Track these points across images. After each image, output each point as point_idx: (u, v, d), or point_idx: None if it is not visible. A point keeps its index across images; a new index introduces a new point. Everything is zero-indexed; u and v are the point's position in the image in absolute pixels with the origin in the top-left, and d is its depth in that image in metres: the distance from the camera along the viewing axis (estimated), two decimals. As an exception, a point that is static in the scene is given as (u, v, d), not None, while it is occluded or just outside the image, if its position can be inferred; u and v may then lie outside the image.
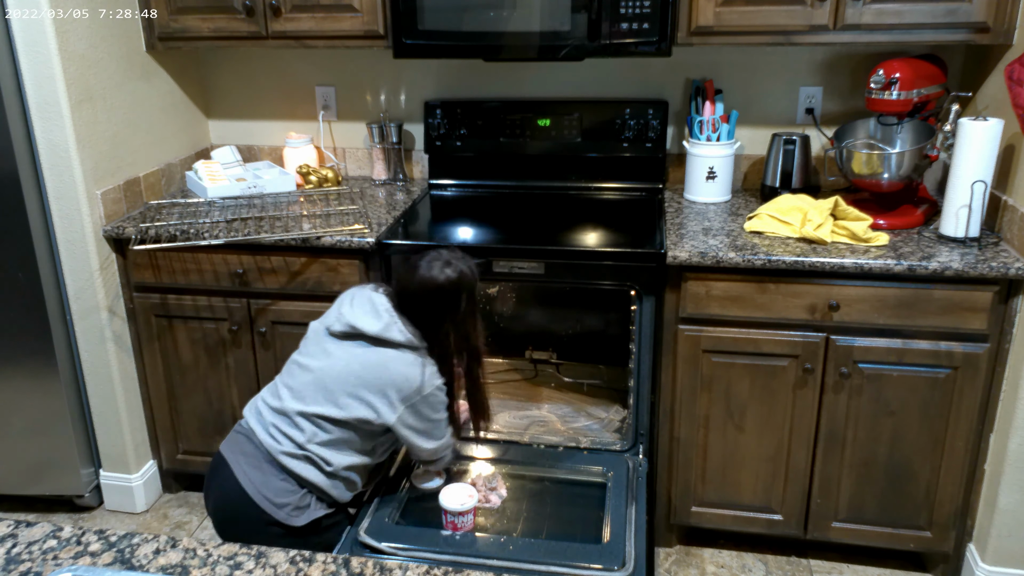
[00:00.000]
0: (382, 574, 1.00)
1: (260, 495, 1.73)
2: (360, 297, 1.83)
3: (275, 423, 1.78)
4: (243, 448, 1.79)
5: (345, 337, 1.80)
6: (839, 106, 2.55)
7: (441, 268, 1.77)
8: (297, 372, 1.82)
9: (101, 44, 2.34)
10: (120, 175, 2.45)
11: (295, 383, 1.80)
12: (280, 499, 1.74)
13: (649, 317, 2.15)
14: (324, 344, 1.82)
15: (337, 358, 1.78)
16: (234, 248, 2.31)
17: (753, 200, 2.52)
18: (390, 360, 1.76)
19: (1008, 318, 2.01)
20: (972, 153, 2.01)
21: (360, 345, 1.78)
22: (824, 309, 2.07)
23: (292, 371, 1.84)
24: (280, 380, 1.85)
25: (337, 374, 1.76)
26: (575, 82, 2.67)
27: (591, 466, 2.13)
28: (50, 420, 2.49)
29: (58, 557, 1.05)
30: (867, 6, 2.10)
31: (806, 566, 2.37)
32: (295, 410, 1.77)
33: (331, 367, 1.77)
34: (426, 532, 1.82)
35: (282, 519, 1.73)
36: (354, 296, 1.85)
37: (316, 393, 1.76)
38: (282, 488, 1.75)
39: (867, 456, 2.18)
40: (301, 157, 2.76)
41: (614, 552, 1.75)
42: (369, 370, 1.75)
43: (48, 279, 2.37)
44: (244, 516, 1.73)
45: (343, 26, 2.36)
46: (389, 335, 1.75)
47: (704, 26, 2.19)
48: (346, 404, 1.75)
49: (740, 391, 2.19)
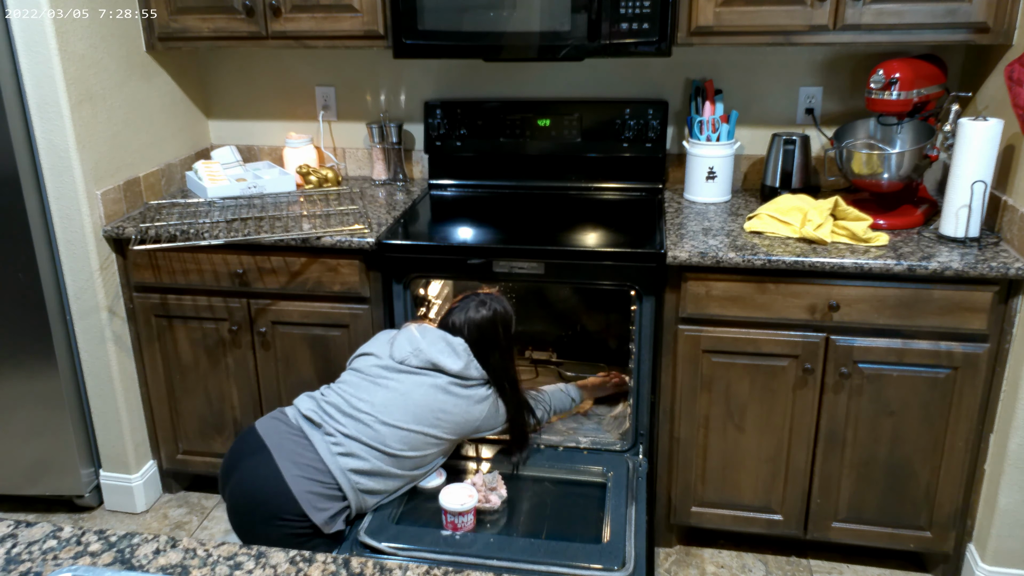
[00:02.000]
0: (382, 574, 1.00)
1: (301, 491, 1.76)
2: (432, 335, 1.98)
3: (350, 432, 1.83)
4: (289, 444, 1.82)
5: (421, 370, 1.93)
6: (839, 106, 2.55)
7: (476, 308, 2.02)
8: (373, 388, 1.90)
9: (101, 44, 2.34)
10: (120, 175, 2.45)
11: (376, 399, 1.88)
12: (321, 504, 1.78)
13: (649, 317, 2.15)
14: (397, 371, 1.93)
15: (419, 383, 1.91)
16: (234, 248, 2.31)
17: (753, 200, 2.52)
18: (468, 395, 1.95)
19: (1008, 318, 2.01)
20: (972, 153, 2.01)
21: (438, 377, 1.93)
22: (824, 309, 2.07)
23: (363, 387, 1.92)
24: (347, 392, 1.91)
25: (423, 397, 1.90)
26: (575, 82, 2.67)
27: (591, 466, 2.13)
28: (50, 420, 2.49)
29: (58, 557, 1.04)
30: (867, 6, 2.10)
31: (806, 566, 2.37)
32: (383, 421, 1.85)
33: (415, 393, 1.90)
34: (426, 532, 1.82)
35: (319, 522, 1.76)
36: (425, 333, 1.99)
37: (403, 411, 1.87)
38: (325, 494, 1.79)
39: (867, 456, 2.18)
40: (301, 157, 2.76)
41: (614, 552, 1.75)
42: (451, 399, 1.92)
43: (48, 279, 2.37)
44: (277, 507, 1.75)
45: (343, 26, 2.36)
46: (468, 372, 1.95)
47: (704, 26, 2.19)
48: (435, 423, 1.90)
49: (740, 391, 2.19)
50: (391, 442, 1.84)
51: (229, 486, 1.83)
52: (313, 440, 1.83)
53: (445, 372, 1.92)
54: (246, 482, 1.79)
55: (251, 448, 1.83)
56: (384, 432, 1.84)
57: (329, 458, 1.81)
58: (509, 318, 2.06)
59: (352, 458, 1.82)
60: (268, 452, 1.80)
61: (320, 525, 1.76)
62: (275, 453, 1.79)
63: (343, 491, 1.81)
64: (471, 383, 1.95)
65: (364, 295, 2.31)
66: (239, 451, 1.86)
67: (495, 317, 2.02)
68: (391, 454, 1.85)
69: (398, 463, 1.86)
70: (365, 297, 2.31)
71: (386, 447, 1.84)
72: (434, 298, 2.59)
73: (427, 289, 2.50)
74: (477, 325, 2.00)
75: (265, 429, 1.86)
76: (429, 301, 2.54)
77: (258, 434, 1.85)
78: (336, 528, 1.80)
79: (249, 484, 1.79)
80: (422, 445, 1.89)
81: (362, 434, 1.83)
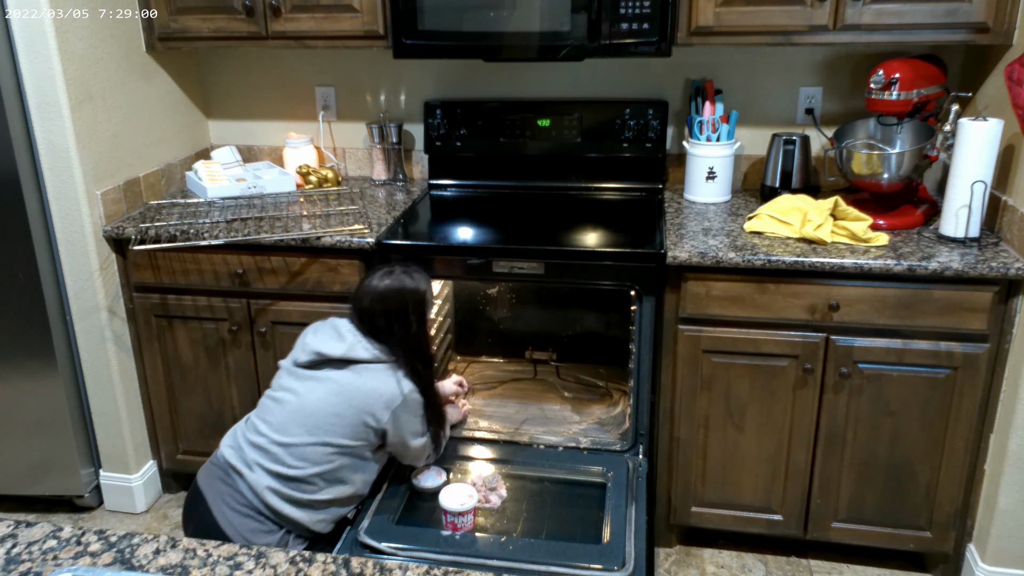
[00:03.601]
0: (382, 574, 1.00)
1: (238, 534, 1.74)
2: (323, 325, 1.89)
3: (257, 460, 1.78)
4: (219, 486, 1.80)
5: (313, 366, 1.83)
6: (839, 106, 2.55)
7: (380, 278, 1.86)
8: (273, 407, 1.83)
9: (101, 44, 2.34)
10: (120, 175, 2.45)
11: (274, 418, 1.81)
12: (259, 539, 1.75)
13: (649, 317, 2.15)
14: (295, 377, 1.85)
15: (312, 387, 1.81)
16: (234, 248, 2.31)
17: (753, 200, 2.52)
18: (363, 378, 1.80)
19: (1008, 318, 2.01)
20: (972, 153, 2.01)
21: (330, 371, 1.81)
22: (824, 309, 2.07)
23: (268, 407, 1.85)
24: (256, 416, 1.86)
25: (315, 403, 1.79)
26: (575, 82, 2.67)
27: (591, 466, 2.13)
28: (50, 420, 2.49)
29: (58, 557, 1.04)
30: (867, 6, 2.10)
31: (806, 566, 2.37)
32: (278, 442, 1.78)
33: (308, 397, 1.80)
34: (426, 532, 1.82)
35: None
36: (317, 327, 1.91)
37: (298, 425, 1.78)
38: (258, 529, 1.76)
39: (867, 456, 2.18)
40: (301, 157, 2.76)
41: (614, 552, 1.75)
42: (346, 392, 1.79)
43: (48, 279, 2.37)
44: None
45: (343, 26, 2.36)
46: (355, 354, 1.80)
47: (704, 26, 2.19)
48: (331, 429, 1.77)
49: (740, 391, 2.19)
50: (290, 461, 1.76)
51: None
52: (235, 479, 1.78)
53: (333, 360, 1.80)
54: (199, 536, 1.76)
55: (193, 501, 1.82)
56: (280, 453, 1.76)
57: (250, 495, 1.76)
58: (421, 295, 1.88)
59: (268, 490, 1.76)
60: (205, 502, 1.78)
61: None
62: (210, 501, 1.78)
63: (278, 513, 1.77)
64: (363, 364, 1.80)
65: (364, 295, 2.30)
66: (188, 505, 1.84)
67: (403, 289, 1.84)
68: (294, 477, 1.76)
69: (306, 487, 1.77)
70: (365, 297, 2.31)
71: (287, 469, 1.76)
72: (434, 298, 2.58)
73: (427, 289, 2.50)
74: (379, 295, 1.83)
75: (202, 477, 1.84)
76: (429, 301, 2.53)
77: (197, 484, 1.83)
78: None
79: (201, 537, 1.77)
80: (322, 458, 1.77)
81: (266, 460, 1.77)
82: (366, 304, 1.85)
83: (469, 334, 2.85)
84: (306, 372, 1.84)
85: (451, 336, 2.86)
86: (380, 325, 1.84)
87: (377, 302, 1.84)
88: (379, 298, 1.84)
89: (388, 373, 1.82)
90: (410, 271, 1.89)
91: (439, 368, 2.10)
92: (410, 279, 1.87)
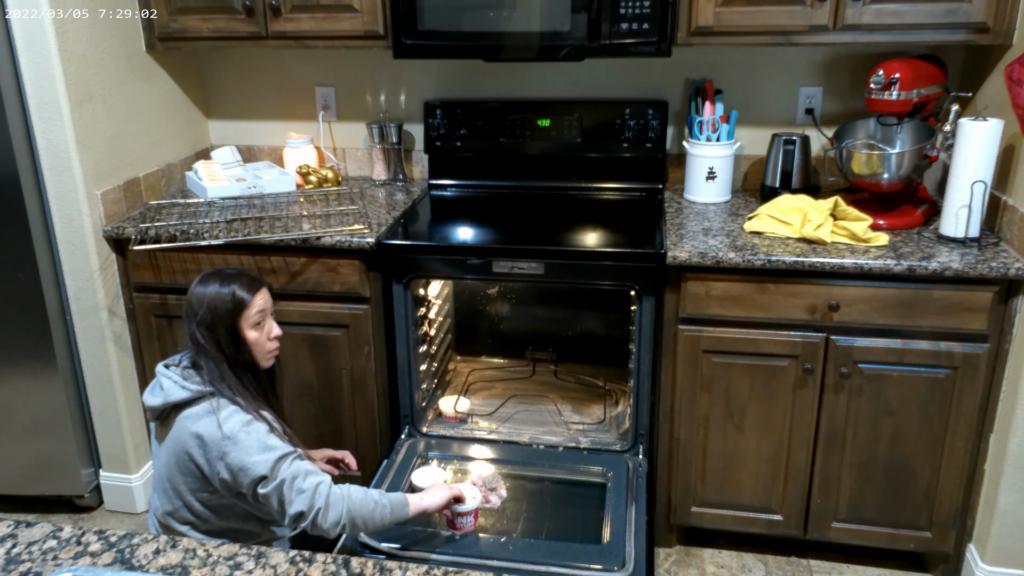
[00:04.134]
0: (382, 574, 1.00)
1: None
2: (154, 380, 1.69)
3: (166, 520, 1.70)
4: None
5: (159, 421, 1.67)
6: (839, 106, 2.55)
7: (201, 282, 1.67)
8: None
9: (101, 44, 2.34)
10: (120, 175, 2.45)
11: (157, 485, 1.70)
12: None
13: (649, 317, 2.15)
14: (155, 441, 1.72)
15: (159, 448, 1.68)
16: (234, 248, 2.31)
17: (753, 200, 2.52)
18: (181, 426, 1.60)
19: (1008, 318, 2.01)
20: (972, 153, 2.01)
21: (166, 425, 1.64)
22: (824, 309, 2.07)
23: None
24: None
25: (161, 467, 1.67)
26: (575, 82, 2.67)
27: (591, 466, 2.13)
28: (50, 420, 2.49)
29: (58, 557, 1.04)
30: (867, 6, 2.10)
31: (806, 566, 2.37)
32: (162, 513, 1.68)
33: (157, 460, 1.69)
34: (426, 532, 1.82)
35: None
36: None
37: (161, 494, 1.68)
38: None
39: (867, 456, 2.18)
40: (301, 157, 2.76)
41: (614, 552, 1.75)
42: (174, 447, 1.61)
43: (48, 279, 2.36)
44: None
45: (343, 26, 2.36)
46: (173, 398, 1.60)
47: (704, 26, 2.19)
48: (181, 491, 1.63)
49: (740, 391, 2.19)
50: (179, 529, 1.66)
51: None
52: None
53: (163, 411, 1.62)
54: None
55: None
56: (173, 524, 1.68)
57: None
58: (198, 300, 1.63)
59: None
60: None
61: None
62: None
63: None
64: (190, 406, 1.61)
65: (364, 295, 2.30)
66: None
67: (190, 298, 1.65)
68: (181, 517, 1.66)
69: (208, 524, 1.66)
70: (365, 297, 2.31)
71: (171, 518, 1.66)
72: (434, 298, 2.59)
73: (427, 289, 2.50)
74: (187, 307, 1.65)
75: None
76: (429, 301, 2.54)
77: None
78: None
79: None
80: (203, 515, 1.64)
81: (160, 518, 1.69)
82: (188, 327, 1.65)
83: (469, 334, 2.86)
84: (157, 430, 1.69)
85: (451, 336, 2.86)
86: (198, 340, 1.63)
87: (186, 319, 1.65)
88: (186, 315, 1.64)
89: (207, 413, 1.58)
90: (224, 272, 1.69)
91: None
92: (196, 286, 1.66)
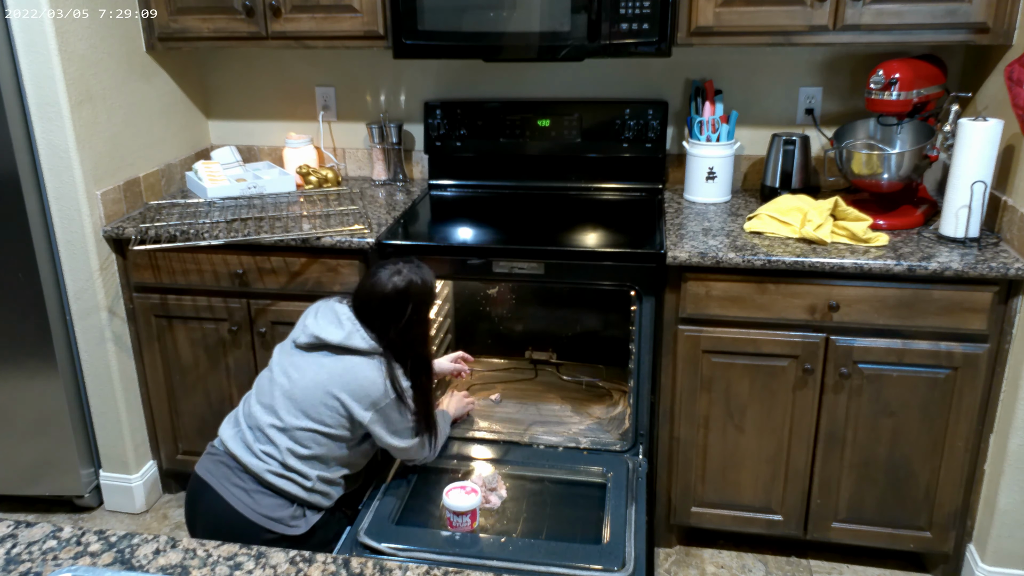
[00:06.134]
0: (382, 574, 1.00)
1: (256, 513, 1.76)
2: (324, 308, 1.88)
3: (254, 441, 1.81)
4: (223, 471, 1.82)
5: (311, 348, 1.84)
6: (839, 106, 2.55)
7: (390, 276, 1.82)
8: (268, 388, 1.85)
9: (101, 44, 2.34)
10: (120, 175, 2.45)
11: (267, 399, 1.83)
12: (275, 513, 1.78)
13: (649, 317, 2.15)
14: (292, 358, 1.86)
15: (304, 370, 1.82)
16: (234, 248, 2.31)
17: (753, 200, 2.52)
18: (355, 366, 1.79)
19: (1008, 318, 2.01)
20: (972, 153, 2.01)
21: (325, 355, 1.82)
22: (824, 309, 2.07)
23: (263, 387, 1.87)
24: (254, 397, 1.87)
25: (306, 386, 1.80)
26: (575, 82, 2.67)
27: (591, 466, 2.13)
28: (50, 420, 2.49)
29: (58, 557, 1.04)
30: (867, 6, 2.10)
31: (806, 566, 2.37)
32: (269, 424, 1.80)
33: (300, 379, 1.81)
34: (426, 532, 1.82)
35: (282, 531, 1.77)
36: (319, 308, 1.90)
37: (288, 407, 1.80)
38: (273, 504, 1.79)
39: (867, 456, 2.18)
40: (301, 157, 2.76)
41: (614, 552, 1.75)
42: (336, 377, 1.79)
43: (48, 279, 2.37)
44: (242, 535, 1.74)
45: (343, 26, 2.36)
46: (352, 343, 1.79)
47: (704, 26, 2.19)
48: (318, 414, 1.79)
49: (740, 391, 2.19)
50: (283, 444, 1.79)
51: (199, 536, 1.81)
52: (237, 454, 1.80)
53: (329, 345, 1.81)
54: (208, 528, 1.80)
55: (197, 492, 1.83)
56: (275, 435, 1.79)
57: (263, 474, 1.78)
58: (427, 292, 1.87)
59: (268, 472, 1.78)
60: (212, 490, 1.79)
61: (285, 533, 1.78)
62: (217, 488, 1.79)
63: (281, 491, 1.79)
64: (358, 354, 1.80)
65: (364, 295, 2.30)
66: (192, 500, 1.85)
67: (409, 290, 1.82)
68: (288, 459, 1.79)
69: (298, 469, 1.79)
70: (365, 297, 2.31)
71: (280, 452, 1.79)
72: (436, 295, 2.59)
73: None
74: (386, 296, 1.82)
75: (202, 468, 1.85)
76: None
77: (199, 476, 1.84)
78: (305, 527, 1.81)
79: (212, 526, 1.79)
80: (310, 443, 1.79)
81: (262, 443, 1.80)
82: (373, 304, 1.83)
83: (469, 334, 2.85)
84: (301, 354, 1.85)
85: (451, 336, 2.86)
86: (382, 322, 1.83)
87: (384, 302, 1.82)
88: (385, 299, 1.82)
89: (379, 369, 1.80)
90: (418, 268, 1.87)
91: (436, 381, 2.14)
92: (418, 278, 1.84)
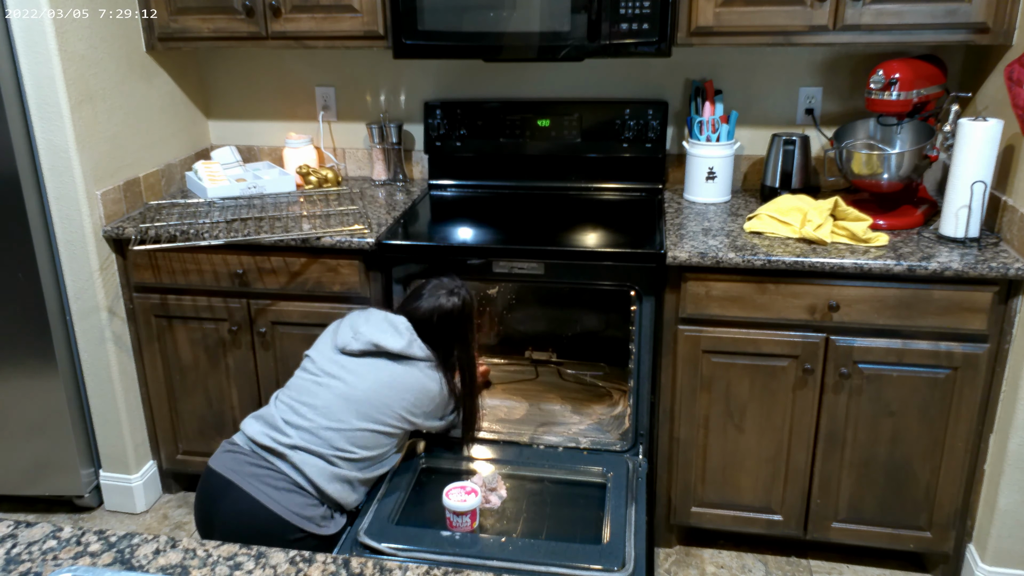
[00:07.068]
0: (382, 574, 1.00)
1: (289, 511, 1.76)
2: (374, 317, 1.95)
3: (302, 442, 1.80)
4: (253, 470, 1.79)
5: (365, 354, 1.90)
6: (839, 106, 2.55)
7: (447, 296, 1.98)
8: (317, 390, 1.86)
9: (101, 44, 2.34)
10: (120, 175, 2.45)
11: (319, 402, 1.84)
12: (308, 512, 1.78)
13: (649, 317, 2.15)
14: (341, 362, 1.89)
15: (363, 375, 1.87)
16: (234, 248, 2.31)
17: (753, 200, 2.52)
18: (416, 373, 1.91)
19: (1008, 318, 2.01)
20: (972, 153, 2.01)
21: (383, 361, 1.89)
22: (824, 309, 2.07)
23: (309, 390, 1.87)
24: (294, 399, 1.86)
25: (366, 391, 1.86)
26: (575, 82, 2.67)
27: (591, 466, 2.13)
28: (50, 420, 2.49)
29: (58, 557, 1.04)
30: (867, 6, 2.11)
31: (806, 566, 2.37)
32: (327, 426, 1.82)
33: (359, 383, 1.86)
34: (426, 532, 1.82)
35: (313, 531, 1.78)
36: (368, 316, 1.96)
37: (348, 411, 1.83)
38: (304, 502, 1.79)
39: (867, 456, 2.18)
40: (301, 157, 2.76)
41: (614, 552, 1.75)
42: (398, 381, 1.88)
43: (48, 279, 2.37)
44: (269, 534, 1.73)
45: (343, 26, 2.36)
46: (411, 351, 1.90)
47: (704, 26, 2.19)
48: (380, 414, 1.85)
49: (740, 391, 2.19)
50: (341, 445, 1.82)
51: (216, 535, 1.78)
52: (275, 461, 1.80)
53: (387, 352, 1.89)
54: (231, 524, 1.76)
55: (219, 490, 1.79)
56: (331, 437, 1.81)
57: (295, 474, 1.79)
58: (473, 305, 2.04)
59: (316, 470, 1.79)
60: (238, 488, 1.76)
61: (315, 532, 1.78)
62: (244, 485, 1.77)
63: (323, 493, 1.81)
64: (416, 362, 1.91)
65: (364, 295, 2.31)
66: (209, 497, 1.81)
67: (464, 307, 2.00)
68: (343, 459, 1.82)
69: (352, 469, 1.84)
70: (365, 297, 2.31)
71: (336, 452, 1.81)
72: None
73: (427, 289, 2.50)
74: (447, 313, 1.97)
75: (223, 466, 1.81)
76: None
77: (218, 473, 1.80)
78: (334, 528, 1.83)
79: (235, 525, 1.76)
80: (372, 443, 1.85)
81: (314, 443, 1.80)
82: (435, 321, 1.96)
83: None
84: (354, 360, 1.89)
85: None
86: (441, 337, 1.97)
87: (444, 320, 1.96)
88: (446, 317, 1.96)
89: (436, 374, 1.94)
90: (463, 284, 2.03)
91: None
92: (468, 295, 2.01)
